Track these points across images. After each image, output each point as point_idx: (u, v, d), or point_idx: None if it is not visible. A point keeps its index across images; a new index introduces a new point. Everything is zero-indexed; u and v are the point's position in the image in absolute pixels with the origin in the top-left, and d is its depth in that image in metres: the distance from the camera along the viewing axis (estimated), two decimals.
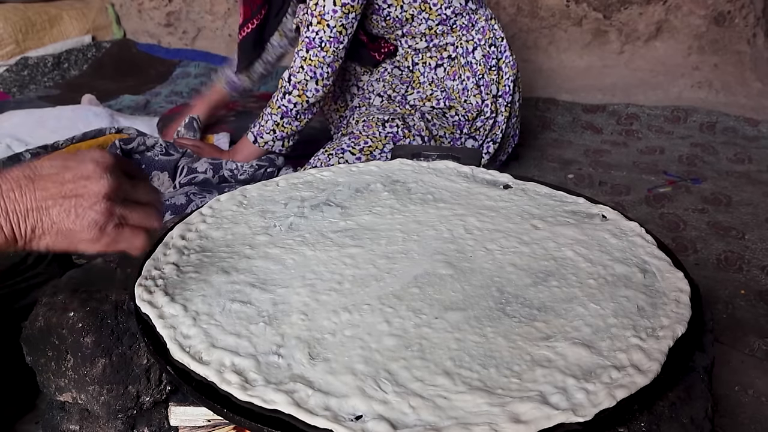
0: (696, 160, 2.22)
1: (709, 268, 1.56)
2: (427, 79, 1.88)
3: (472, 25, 1.85)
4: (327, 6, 1.65)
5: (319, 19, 1.66)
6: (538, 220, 0.98)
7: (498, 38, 1.87)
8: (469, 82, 1.83)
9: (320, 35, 1.67)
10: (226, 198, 1.03)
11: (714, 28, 2.86)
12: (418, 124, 1.78)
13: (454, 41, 1.85)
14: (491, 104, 1.84)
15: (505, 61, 1.88)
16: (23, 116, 2.16)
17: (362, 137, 1.74)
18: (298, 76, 1.71)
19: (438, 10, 1.81)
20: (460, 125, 1.84)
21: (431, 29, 1.83)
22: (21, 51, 3.17)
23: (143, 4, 3.65)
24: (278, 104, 1.75)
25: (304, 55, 1.69)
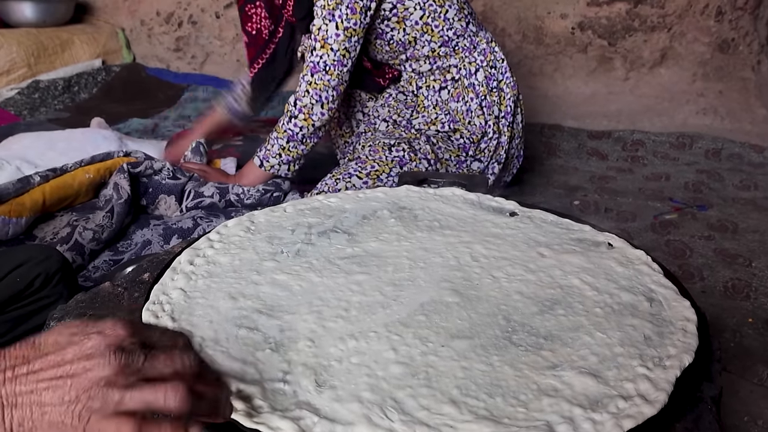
0: (702, 187, 2.22)
1: (716, 296, 1.56)
2: (431, 102, 1.90)
3: (473, 47, 1.87)
4: (330, 30, 1.67)
5: (322, 44, 1.69)
6: (545, 248, 0.98)
7: (498, 60, 1.89)
8: (472, 103, 1.85)
9: (324, 59, 1.69)
10: (233, 223, 1.04)
11: (718, 55, 2.88)
12: (424, 148, 1.80)
13: (457, 63, 1.87)
14: (494, 125, 1.86)
15: (506, 82, 1.90)
16: (33, 139, 2.17)
17: (369, 162, 1.76)
18: (304, 100, 1.72)
19: (440, 32, 1.83)
20: (465, 148, 1.86)
21: (434, 51, 1.85)
22: (33, 74, 3.21)
23: (153, 29, 3.70)
24: (284, 128, 1.76)
25: (309, 80, 1.71)
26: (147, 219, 1.75)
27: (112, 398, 0.54)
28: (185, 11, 3.62)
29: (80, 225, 1.59)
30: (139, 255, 1.61)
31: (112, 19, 3.76)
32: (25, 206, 1.59)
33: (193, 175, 1.85)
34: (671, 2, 2.85)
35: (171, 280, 0.88)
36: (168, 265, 0.92)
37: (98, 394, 0.54)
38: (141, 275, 0.99)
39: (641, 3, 2.87)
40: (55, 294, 1.18)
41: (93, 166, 1.77)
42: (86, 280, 1.51)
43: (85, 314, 0.90)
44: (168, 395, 0.55)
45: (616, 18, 2.92)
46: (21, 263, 1.16)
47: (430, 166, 1.80)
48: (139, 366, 0.56)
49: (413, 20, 1.80)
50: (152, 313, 0.80)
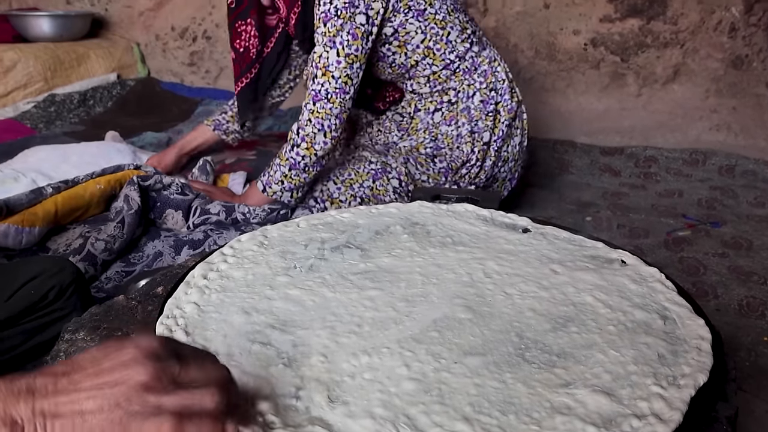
0: (715, 204, 2.21)
1: (731, 314, 1.55)
2: (423, 125, 1.91)
3: (474, 69, 1.87)
4: (330, 57, 1.68)
5: (323, 71, 1.69)
6: (558, 265, 0.98)
7: (500, 81, 1.89)
8: (463, 128, 1.86)
9: (326, 87, 1.69)
10: (247, 238, 1.05)
11: (732, 72, 2.87)
12: (399, 168, 1.84)
13: (456, 86, 1.87)
14: (479, 152, 1.86)
15: (503, 105, 1.89)
16: (48, 151, 2.20)
17: (348, 169, 1.87)
18: (307, 129, 1.72)
19: (441, 55, 1.84)
20: (445, 173, 1.87)
21: (435, 74, 1.86)
22: (49, 88, 3.24)
23: (168, 44, 3.73)
24: (287, 156, 1.76)
25: (311, 108, 1.71)
26: (158, 231, 1.76)
27: (150, 402, 0.56)
28: (200, 26, 3.65)
29: (92, 236, 1.60)
30: (150, 266, 1.63)
31: (127, 34, 3.80)
32: (38, 216, 1.61)
33: (200, 194, 1.87)
34: (684, 18, 2.85)
35: (185, 294, 0.89)
36: (182, 279, 0.92)
37: (137, 398, 0.55)
38: (155, 288, 0.99)
39: (654, 19, 2.87)
40: (68, 306, 1.19)
41: (104, 178, 1.79)
42: (99, 291, 1.52)
43: (100, 327, 0.91)
44: (204, 396, 0.58)
45: (629, 34, 2.92)
46: (35, 275, 1.17)
47: (401, 186, 1.85)
48: (174, 372, 0.58)
49: (414, 44, 1.81)
50: (166, 327, 0.80)
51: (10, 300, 1.13)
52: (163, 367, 0.58)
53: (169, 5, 3.69)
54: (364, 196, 1.86)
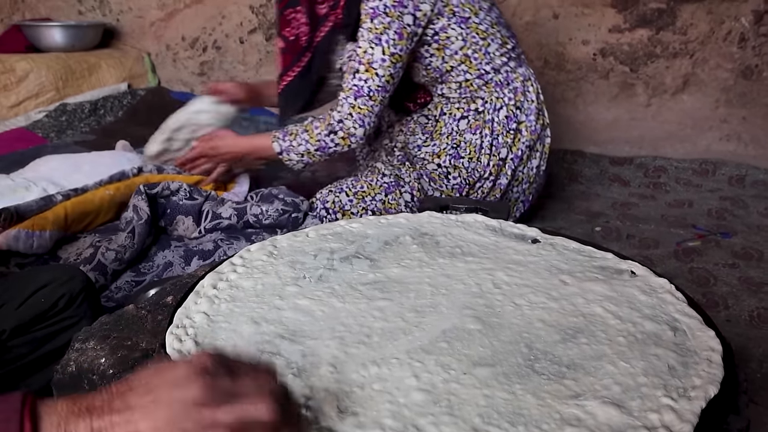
0: (725, 214, 2.20)
1: (742, 325, 1.54)
2: (448, 130, 1.89)
3: (507, 83, 1.87)
4: (376, 55, 1.68)
5: (367, 67, 1.69)
6: (567, 276, 0.98)
7: (528, 100, 1.88)
8: (485, 140, 1.85)
9: (369, 84, 1.70)
10: (256, 248, 1.05)
11: (742, 82, 2.86)
12: (412, 182, 1.85)
13: (485, 96, 1.86)
14: (493, 167, 1.85)
15: (526, 125, 1.88)
16: (60, 161, 2.21)
17: (361, 181, 1.88)
18: (347, 123, 1.73)
19: (478, 65, 1.83)
20: (460, 188, 1.86)
21: (468, 81, 1.85)
22: (60, 97, 3.27)
23: (178, 53, 3.76)
24: (318, 137, 1.76)
25: (352, 103, 1.71)
26: (168, 240, 1.76)
27: (205, 417, 0.56)
28: (210, 36, 3.67)
29: (103, 246, 1.61)
30: (160, 276, 1.63)
31: (138, 44, 3.82)
32: (48, 220, 1.62)
33: (210, 195, 1.87)
34: (693, 29, 2.84)
35: (194, 304, 0.89)
36: (191, 289, 0.93)
37: (191, 415, 0.56)
38: (164, 298, 1.00)
39: (663, 30, 2.86)
40: (78, 314, 1.19)
41: (113, 185, 1.80)
42: (108, 300, 1.53)
43: (109, 336, 0.91)
44: (259, 408, 0.58)
45: (638, 44, 2.92)
46: (45, 284, 1.18)
47: (413, 201, 1.87)
48: (227, 386, 0.59)
49: (453, 49, 1.81)
50: (176, 337, 0.81)
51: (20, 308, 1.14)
52: (215, 382, 0.58)
53: (180, 16, 3.71)
54: (375, 209, 1.86)
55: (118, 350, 0.87)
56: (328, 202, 1.86)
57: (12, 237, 1.54)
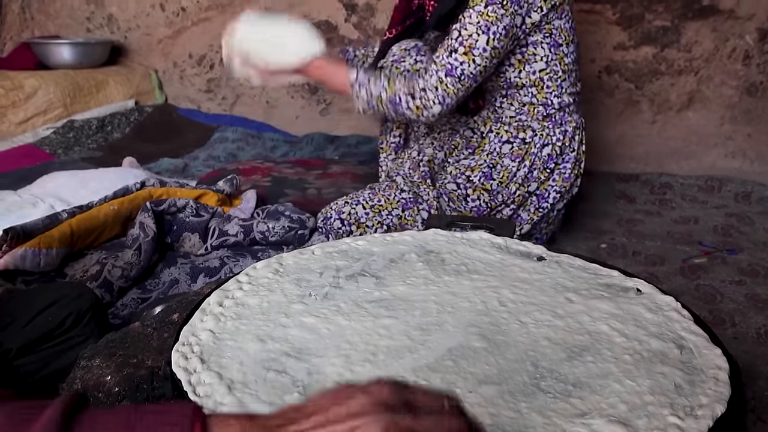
0: (731, 231, 2.20)
1: (749, 343, 1.53)
2: (489, 148, 1.87)
3: (561, 124, 1.84)
4: (479, 42, 1.64)
5: (467, 50, 1.64)
6: (573, 293, 0.98)
7: (571, 147, 1.86)
8: (522, 170, 1.83)
9: (463, 68, 1.65)
10: (262, 265, 1.05)
11: (746, 99, 2.87)
12: (431, 201, 1.83)
13: (537, 128, 1.83)
14: (519, 197, 1.84)
15: (560, 171, 1.86)
16: (67, 177, 2.23)
17: (378, 195, 1.86)
18: (429, 94, 1.66)
19: (547, 94, 1.81)
20: (479, 210, 1.85)
21: (531, 105, 1.83)
22: (68, 114, 3.29)
23: (185, 70, 3.78)
24: (396, 91, 1.69)
25: (441, 78, 1.66)
26: (174, 257, 1.77)
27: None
28: (217, 54, 3.69)
29: (109, 263, 1.62)
30: (166, 293, 1.63)
31: (146, 61, 3.85)
32: (54, 237, 1.63)
33: (216, 211, 1.87)
34: (698, 46, 2.85)
35: (200, 322, 0.89)
36: (197, 306, 0.93)
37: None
38: (170, 316, 1.00)
39: (668, 47, 2.88)
40: (86, 333, 1.20)
41: (116, 201, 1.82)
42: (114, 317, 1.53)
43: (115, 354, 0.92)
44: None
45: (643, 62, 2.93)
46: (52, 302, 1.18)
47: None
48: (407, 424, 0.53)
49: (534, 68, 1.78)
50: (182, 355, 0.81)
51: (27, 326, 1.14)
52: (395, 418, 0.53)
53: (187, 33, 3.74)
54: (391, 225, 1.84)
55: (123, 368, 0.87)
56: (344, 213, 1.84)
57: (19, 256, 1.55)
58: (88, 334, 1.19)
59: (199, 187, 2.03)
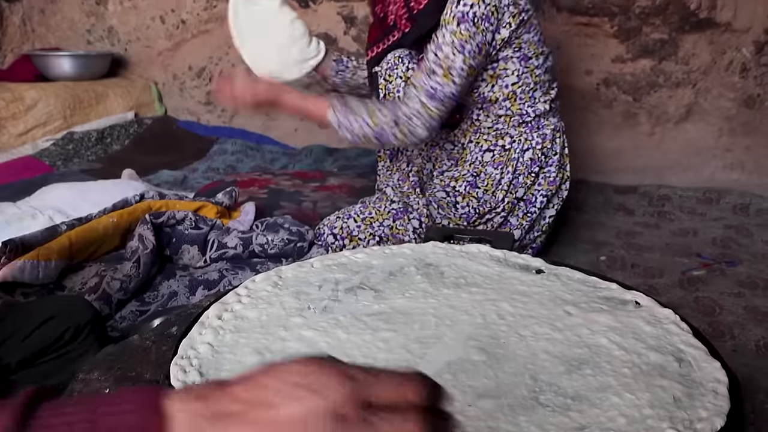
0: (730, 243, 2.20)
1: (748, 356, 1.53)
2: (471, 158, 1.89)
3: (538, 128, 1.86)
4: (456, 62, 1.66)
5: (445, 72, 1.66)
6: (572, 306, 0.98)
7: (553, 150, 1.88)
8: (506, 177, 1.84)
9: (444, 89, 1.67)
10: (261, 278, 1.05)
11: (744, 111, 2.88)
12: (420, 209, 1.86)
13: (515, 135, 1.86)
14: (508, 203, 1.85)
15: (545, 174, 1.88)
16: (66, 189, 2.23)
17: (369, 208, 1.90)
18: (414, 120, 1.68)
19: (521, 105, 1.83)
20: (468, 217, 1.86)
21: (507, 116, 1.85)
22: (68, 126, 3.30)
23: (185, 83, 3.80)
24: (380, 123, 1.69)
25: (423, 101, 1.67)
26: (173, 270, 1.77)
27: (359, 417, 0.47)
28: (216, 66, 3.71)
29: (108, 275, 1.62)
30: (165, 306, 1.63)
31: (146, 73, 3.87)
32: (53, 249, 1.63)
33: (215, 223, 1.87)
34: (696, 59, 2.86)
35: (199, 335, 0.89)
36: (196, 319, 0.93)
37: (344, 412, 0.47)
38: (169, 328, 1.00)
39: (665, 60, 2.89)
40: (84, 346, 1.20)
41: (116, 213, 1.82)
42: (113, 330, 1.53)
43: (114, 367, 0.91)
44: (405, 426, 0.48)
45: (641, 74, 2.94)
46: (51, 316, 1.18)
47: (420, 227, 1.86)
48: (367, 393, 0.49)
49: (506, 82, 1.80)
50: (180, 368, 0.81)
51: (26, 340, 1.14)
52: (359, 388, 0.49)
53: (187, 45, 3.76)
54: (383, 235, 1.87)
55: (122, 381, 0.87)
56: (336, 228, 1.87)
57: (17, 268, 1.55)
58: (87, 348, 1.19)
59: (198, 199, 2.04)
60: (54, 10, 3.87)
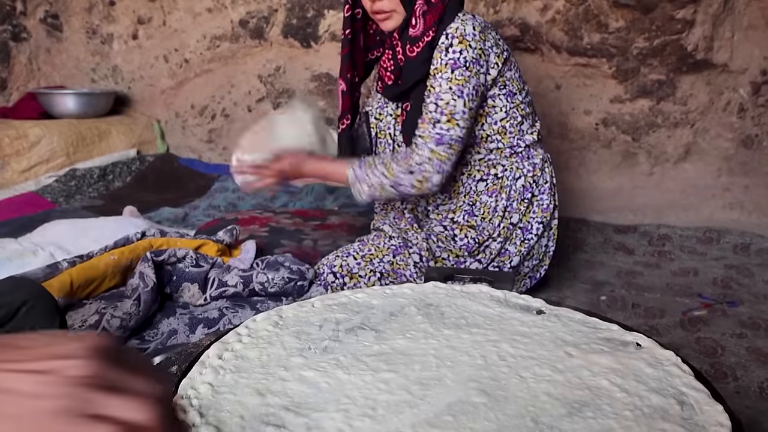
0: (731, 283, 2.20)
1: (752, 398, 1.51)
2: (465, 189, 1.95)
3: (528, 157, 1.94)
4: (458, 106, 1.74)
5: (449, 118, 1.74)
6: (572, 348, 0.97)
7: (544, 179, 1.94)
8: (500, 203, 1.89)
9: (451, 133, 1.75)
10: (262, 318, 1.05)
11: (742, 151, 2.90)
12: (420, 243, 1.87)
13: (506, 164, 1.93)
14: (504, 229, 1.89)
15: (538, 201, 1.94)
16: (67, 226, 2.24)
17: (368, 245, 1.91)
18: (426, 166, 1.75)
19: (510, 138, 1.91)
20: (468, 247, 1.89)
21: (498, 149, 1.92)
22: (71, 163, 3.33)
23: (187, 121, 3.84)
24: (396, 173, 1.78)
25: (432, 148, 1.75)
26: (173, 308, 1.77)
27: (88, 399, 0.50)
28: (219, 104, 3.75)
29: (108, 313, 1.61)
30: (164, 344, 1.63)
31: (148, 111, 3.91)
32: (54, 287, 1.63)
33: (216, 261, 1.87)
34: (693, 99, 2.90)
35: (199, 374, 0.89)
36: (196, 359, 0.93)
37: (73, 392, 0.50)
38: (169, 368, 1.00)
39: (664, 100, 2.92)
40: (24, 327, 1.11)
41: (117, 250, 1.82)
42: None
43: None
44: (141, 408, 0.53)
45: (640, 114, 2.97)
46: None
47: (421, 261, 1.87)
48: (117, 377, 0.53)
49: (495, 119, 1.88)
50: (180, 408, 0.80)
51: None
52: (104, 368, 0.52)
53: (190, 84, 3.81)
54: (384, 271, 1.88)
55: None
56: (336, 266, 1.87)
57: None
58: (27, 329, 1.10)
59: (199, 237, 2.04)
60: (60, 49, 3.93)
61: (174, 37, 3.76)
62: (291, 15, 3.46)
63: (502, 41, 1.89)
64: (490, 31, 1.84)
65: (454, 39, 1.76)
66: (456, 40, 1.76)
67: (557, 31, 2.96)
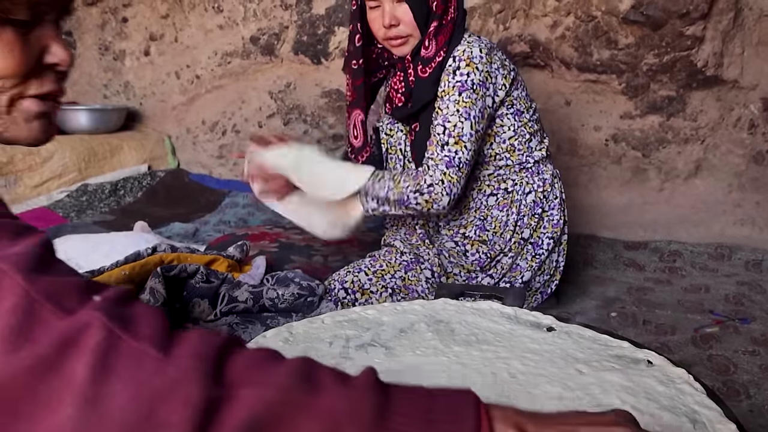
0: (743, 299, 2.18)
1: (765, 416, 1.50)
2: (475, 205, 1.95)
3: (537, 173, 1.95)
4: (465, 129, 1.75)
5: (456, 140, 1.75)
6: (583, 365, 0.97)
7: (554, 196, 1.95)
8: (511, 217, 1.89)
9: (459, 156, 1.75)
10: (272, 334, 1.05)
11: (753, 167, 2.89)
12: (432, 259, 1.87)
13: (516, 179, 1.94)
14: (515, 244, 1.90)
15: (548, 217, 1.94)
16: (78, 241, 2.24)
17: (379, 260, 1.91)
18: (436, 188, 1.75)
19: (519, 156, 1.93)
20: (480, 262, 1.89)
21: (508, 166, 1.94)
22: (82, 178, 3.34)
23: (198, 136, 3.85)
24: (403, 190, 1.77)
25: (443, 170, 1.75)
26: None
27: None
28: (229, 120, 3.77)
29: None
30: None
31: (159, 127, 3.93)
32: None
33: (227, 277, 1.88)
34: (704, 115, 2.89)
35: None
36: None
37: None
38: None
39: (674, 116, 2.92)
40: None
41: (128, 266, 1.82)
42: None
43: None
44: None
45: (650, 130, 2.97)
46: None
47: (433, 276, 1.87)
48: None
49: (504, 138, 1.90)
50: None
51: None
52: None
53: (201, 100, 3.83)
54: (395, 287, 1.87)
55: None
56: (347, 282, 1.87)
57: None
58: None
59: (209, 252, 2.04)
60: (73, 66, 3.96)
61: (185, 54, 3.79)
62: (302, 32, 3.48)
63: (508, 61, 1.90)
64: (495, 52, 1.85)
65: (461, 62, 1.77)
66: (463, 63, 1.77)
67: (567, 48, 2.96)
